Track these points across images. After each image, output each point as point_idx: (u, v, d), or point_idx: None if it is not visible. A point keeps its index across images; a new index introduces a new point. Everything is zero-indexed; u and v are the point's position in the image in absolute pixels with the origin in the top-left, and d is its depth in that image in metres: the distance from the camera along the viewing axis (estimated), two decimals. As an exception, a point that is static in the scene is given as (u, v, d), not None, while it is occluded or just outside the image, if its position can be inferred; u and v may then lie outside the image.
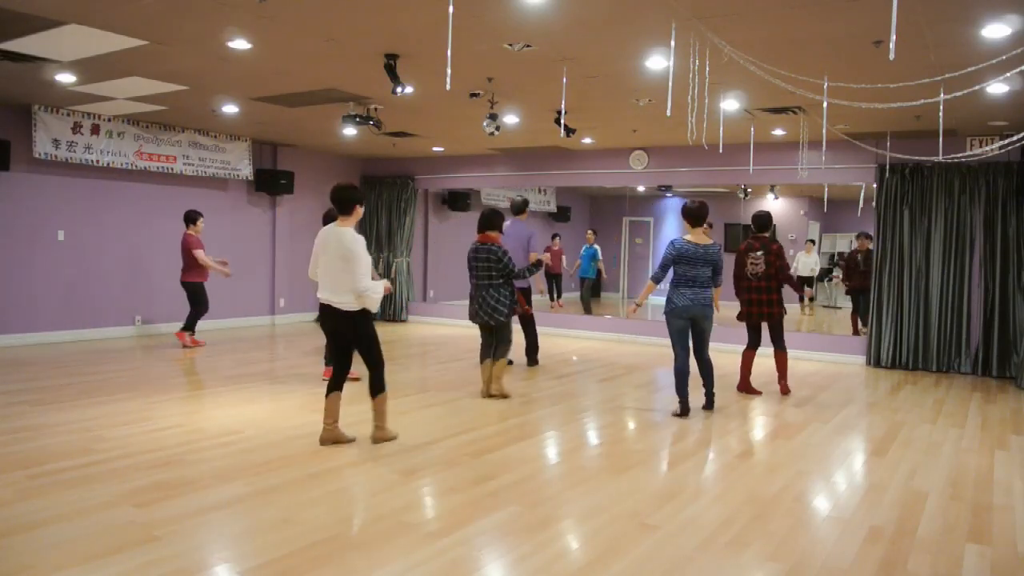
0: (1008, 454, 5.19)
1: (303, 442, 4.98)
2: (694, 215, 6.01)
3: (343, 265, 4.65)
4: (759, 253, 6.83)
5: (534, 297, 8.33)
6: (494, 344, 6.52)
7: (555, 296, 13.17)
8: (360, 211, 4.89)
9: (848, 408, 6.58)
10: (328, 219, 6.27)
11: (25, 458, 4.46)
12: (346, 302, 4.69)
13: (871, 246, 9.54)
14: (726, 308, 7.04)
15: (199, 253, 8.87)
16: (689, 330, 5.96)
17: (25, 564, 3.06)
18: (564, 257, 13.48)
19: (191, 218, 9.01)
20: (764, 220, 6.96)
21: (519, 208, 8.18)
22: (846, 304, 11.34)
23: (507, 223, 7.82)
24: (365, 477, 4.32)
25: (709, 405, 6.21)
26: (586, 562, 3.25)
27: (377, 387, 4.92)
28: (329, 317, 4.80)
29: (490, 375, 6.50)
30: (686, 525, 3.69)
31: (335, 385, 4.92)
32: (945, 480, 4.56)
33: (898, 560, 3.35)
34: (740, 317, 7.03)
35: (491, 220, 6.45)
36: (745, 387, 7.08)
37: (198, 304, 8.98)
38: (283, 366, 8.10)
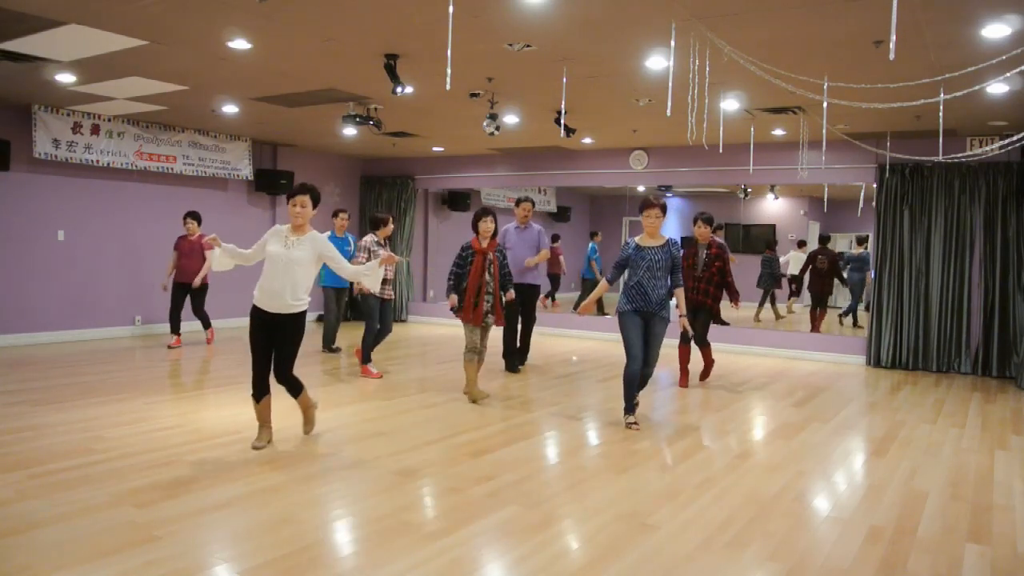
0: (1008, 454, 5.19)
1: (303, 442, 4.98)
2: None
3: None
4: None
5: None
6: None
7: (552, 297, 13.19)
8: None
9: (848, 408, 6.58)
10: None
11: (25, 458, 4.46)
12: None
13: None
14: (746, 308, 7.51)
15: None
16: None
17: (25, 564, 3.06)
18: (562, 258, 13.48)
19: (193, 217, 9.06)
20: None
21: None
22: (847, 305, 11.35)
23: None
24: (365, 477, 4.32)
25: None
26: (586, 562, 3.25)
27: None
28: None
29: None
30: (686, 525, 3.69)
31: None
32: (945, 480, 4.56)
33: (898, 560, 3.35)
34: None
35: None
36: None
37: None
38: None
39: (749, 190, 11.69)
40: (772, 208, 12.45)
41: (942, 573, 3.24)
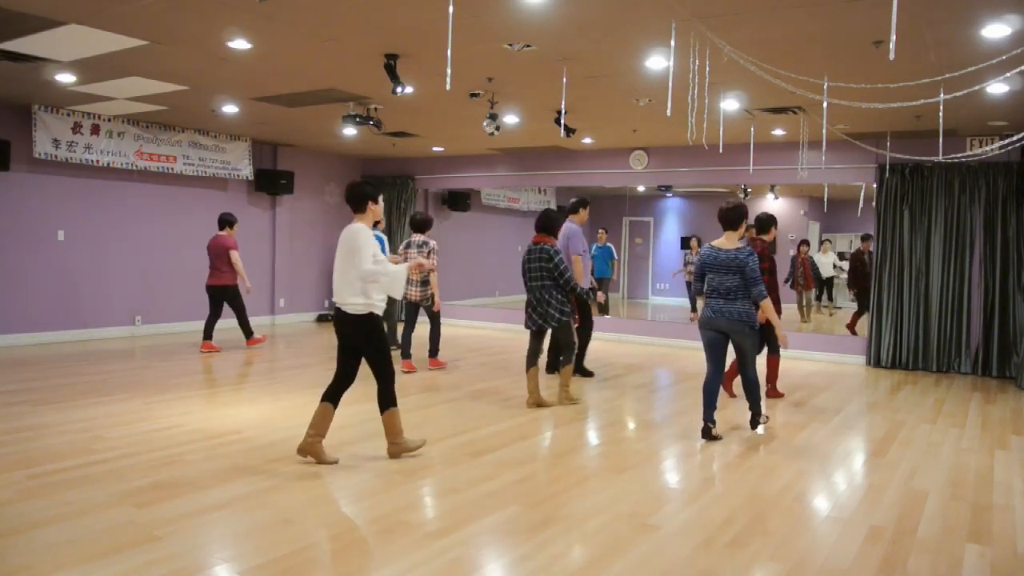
0: (1008, 454, 5.19)
1: (303, 442, 4.98)
2: (722, 218, 5.40)
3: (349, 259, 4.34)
4: None
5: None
6: (552, 350, 6.66)
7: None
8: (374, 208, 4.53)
9: (848, 408, 6.58)
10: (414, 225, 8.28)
11: (25, 458, 4.46)
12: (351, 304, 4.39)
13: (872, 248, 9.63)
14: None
15: (236, 254, 8.72)
16: (717, 343, 5.31)
17: (25, 564, 3.06)
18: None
19: (230, 221, 8.85)
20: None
21: (572, 208, 7.56)
22: (847, 304, 11.33)
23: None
24: (365, 477, 4.32)
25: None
26: (586, 562, 3.25)
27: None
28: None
29: (536, 383, 6.19)
30: (686, 525, 3.69)
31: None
32: (945, 480, 4.56)
33: (898, 560, 3.35)
34: None
35: (550, 221, 6.17)
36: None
37: (234, 307, 8.88)
38: (283, 366, 8.10)
39: (749, 190, 11.69)
40: (772, 208, 12.45)
41: (942, 573, 3.25)
